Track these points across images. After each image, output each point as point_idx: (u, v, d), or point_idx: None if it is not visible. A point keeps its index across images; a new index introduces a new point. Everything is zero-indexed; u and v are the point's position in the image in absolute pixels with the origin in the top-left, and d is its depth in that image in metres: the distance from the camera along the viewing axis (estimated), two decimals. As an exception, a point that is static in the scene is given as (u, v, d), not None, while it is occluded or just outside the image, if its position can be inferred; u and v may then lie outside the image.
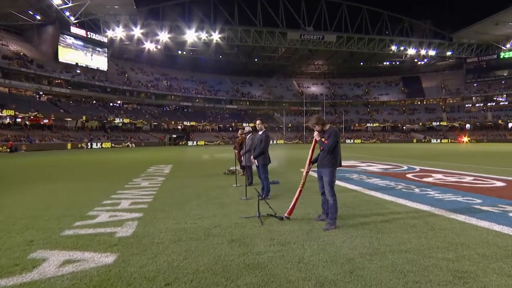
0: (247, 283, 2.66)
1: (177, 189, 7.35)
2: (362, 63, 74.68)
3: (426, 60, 70.28)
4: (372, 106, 76.37)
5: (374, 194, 6.45)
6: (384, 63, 73.95)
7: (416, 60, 70.39)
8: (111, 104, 57.57)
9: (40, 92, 47.30)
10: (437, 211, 4.90)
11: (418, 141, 62.48)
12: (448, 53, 65.54)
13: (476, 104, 67.89)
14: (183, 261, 3.12)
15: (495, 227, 3.98)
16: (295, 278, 2.73)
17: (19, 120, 42.66)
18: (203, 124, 64.93)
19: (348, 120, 71.51)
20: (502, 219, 4.34)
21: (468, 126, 66.69)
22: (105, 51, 55.27)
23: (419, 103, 74.91)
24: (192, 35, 55.98)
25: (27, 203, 5.92)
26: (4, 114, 39.36)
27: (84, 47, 52.03)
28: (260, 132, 6.33)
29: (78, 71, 51.74)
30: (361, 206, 5.36)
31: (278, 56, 69.25)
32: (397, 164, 12.96)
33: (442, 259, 3.05)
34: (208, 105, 68.10)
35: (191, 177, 9.63)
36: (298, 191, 4.66)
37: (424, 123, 69.00)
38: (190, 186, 7.81)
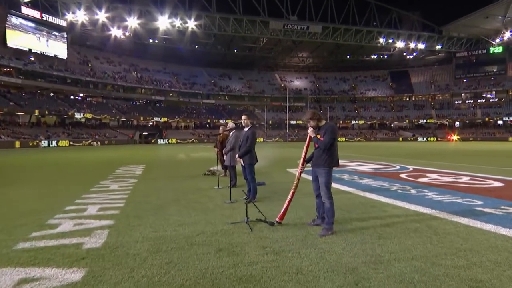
0: (240, 299, 2.53)
1: (152, 192, 7.14)
2: (348, 56, 75.95)
3: (415, 54, 72.29)
4: (359, 102, 77.86)
5: (369, 195, 6.50)
6: (372, 56, 75.50)
7: (404, 53, 72.26)
8: (72, 97, 55.67)
9: (-16, 82, 44.98)
10: (438, 213, 4.94)
11: (404, 139, 64.23)
12: (438, 46, 67.68)
13: (466, 101, 70.54)
14: (165, 275, 2.95)
15: (502, 231, 4.04)
16: (295, 292, 2.63)
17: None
18: (177, 121, 64.06)
19: (334, 117, 72.50)
20: (507, 222, 4.43)
21: (457, 123, 69.25)
22: (63, 36, 52.81)
23: (407, 99, 77.03)
24: (164, 22, 54.93)
25: (-25, 210, 5.53)
26: None
27: (37, 31, 49.30)
28: (246, 128, 6.22)
29: (32, 58, 49.43)
30: (357, 209, 5.36)
31: (260, 48, 69.18)
32: (388, 164, 13.19)
33: (452, 266, 3.03)
34: (182, 99, 67.25)
35: (167, 178, 9.41)
36: (290, 193, 4.57)
37: (413, 121, 71.04)
38: (166, 188, 7.60)
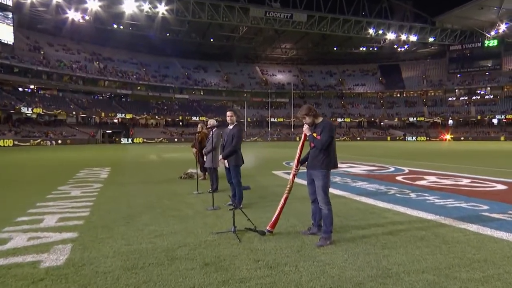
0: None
1: (121, 198, 6.94)
2: (335, 48, 77.01)
3: (406, 46, 74.06)
4: (347, 98, 79.10)
5: (365, 200, 6.56)
6: (361, 49, 76.83)
7: (395, 46, 73.92)
8: (20, 89, 53.69)
9: None
10: (443, 220, 5.00)
11: (392, 139, 65.69)
12: (430, 39, 69.59)
13: (460, 98, 72.89)
14: (144, 296, 2.80)
15: (515, 238, 4.11)
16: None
17: None
18: (145, 118, 63.05)
19: (320, 114, 73.28)
20: (518, 228, 4.51)
21: (450, 122, 71.46)
22: (8, 17, 49.95)
23: (398, 95, 78.88)
24: (131, 5, 53.79)
25: None
26: None
27: (-27, 10, 46.97)
28: (231, 126, 6.14)
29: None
30: (354, 215, 5.36)
31: (239, 37, 69.04)
32: (382, 165, 13.39)
33: (468, 280, 3.02)
34: (152, 93, 66.34)
35: (137, 182, 9.19)
36: (283, 198, 4.51)
37: (402, 119, 72.77)
38: (138, 194, 7.41)
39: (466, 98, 72.07)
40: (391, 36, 68.10)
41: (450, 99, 73.59)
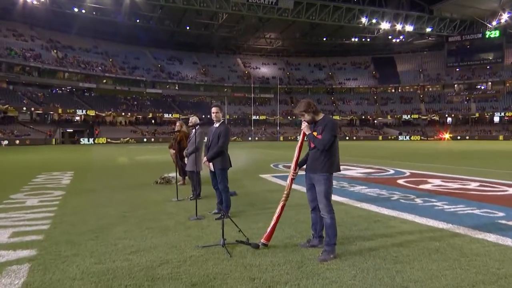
0: None
1: (88, 208, 6.72)
2: (325, 39, 77.53)
3: (401, 37, 75.25)
4: (337, 93, 79.86)
5: (367, 207, 6.54)
6: (352, 39, 77.58)
7: (390, 37, 75.01)
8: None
9: None
10: (457, 228, 4.97)
11: (384, 138, 66.66)
12: (428, 29, 70.87)
13: (459, 93, 74.52)
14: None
15: (539, 249, 4.09)
16: None
17: None
18: (113, 115, 62.01)
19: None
20: (541, 237, 4.51)
21: (449, 120, 72.96)
22: None
23: (393, 90, 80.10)
24: (95, -14, 52.80)
25: None
26: None
27: None
28: (217, 124, 6.04)
29: None
30: (357, 224, 5.31)
31: (218, 25, 68.62)
32: (380, 168, 13.47)
33: (496, 298, 2.96)
34: (120, 87, 65.36)
35: (107, 189, 8.95)
36: (280, 206, 4.40)
37: (395, 116, 73.86)
38: (108, 203, 7.19)
39: (465, 94, 73.76)
40: (385, 25, 69.01)
41: (448, 94, 75.17)
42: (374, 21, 67.87)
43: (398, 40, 76.56)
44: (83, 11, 59.15)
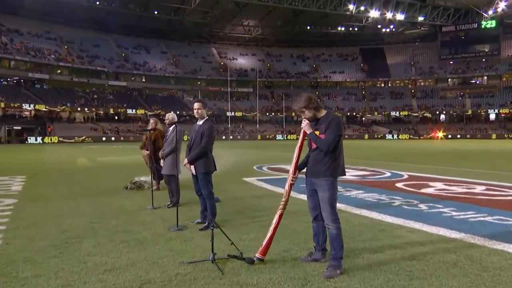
0: None
1: (48, 219, 6.41)
2: (309, 28, 78.09)
3: (392, 26, 76.45)
4: (322, 88, 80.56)
5: (368, 214, 6.51)
6: (339, 28, 78.44)
7: (379, 26, 76.12)
8: None
9: None
10: (471, 238, 4.95)
11: (371, 137, 67.66)
12: (420, 18, 72.20)
13: (453, 89, 76.25)
14: None
15: None
16: None
17: None
18: (69, 110, 60.73)
19: (291, 107, 73.88)
20: None
21: (442, 117, 74.51)
22: None
23: (383, 85, 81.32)
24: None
25: None
26: None
27: None
28: (200, 122, 5.88)
29: None
30: (361, 234, 5.26)
31: (190, 10, 68.12)
32: (374, 170, 13.55)
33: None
34: (78, 79, 64.20)
35: (68, 196, 8.65)
36: (277, 215, 4.27)
37: (384, 113, 74.94)
38: (71, 212, 6.92)
39: (460, 89, 75.49)
40: (374, 13, 69.92)
41: (442, 90, 76.73)
42: (362, 8, 68.71)
43: (388, 29, 77.78)
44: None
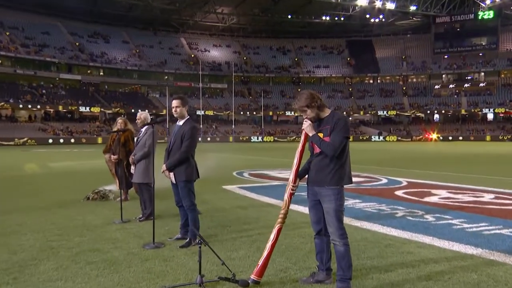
0: None
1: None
2: (290, 16, 78.50)
3: (381, 16, 77.50)
4: (305, 84, 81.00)
5: (370, 226, 6.53)
6: (323, 18, 79.03)
7: (367, 16, 77.04)
8: None
9: None
10: (490, 254, 4.97)
11: (355, 139, 68.38)
12: (412, 7, 73.46)
13: (448, 86, 77.66)
14: None
15: None
16: None
17: None
18: (11, 107, 59.56)
19: (270, 105, 74.35)
20: None
21: (436, 117, 75.84)
22: None
23: (371, 81, 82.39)
24: None
25: None
26: None
27: None
28: (180, 122, 5.78)
29: None
30: (366, 250, 5.25)
31: (157, -6, 67.94)
32: (369, 175, 13.65)
33: None
34: (23, 71, 62.87)
35: (16, 210, 8.28)
36: (275, 229, 4.18)
37: (371, 112, 75.88)
38: (23, 229, 6.60)
39: (455, 86, 77.00)
40: (362, 1, 70.78)
41: (436, 87, 78.16)
42: (349, -4, 69.45)
43: (377, 20, 78.80)
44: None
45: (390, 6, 71.90)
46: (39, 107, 61.01)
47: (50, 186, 12.25)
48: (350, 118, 77.67)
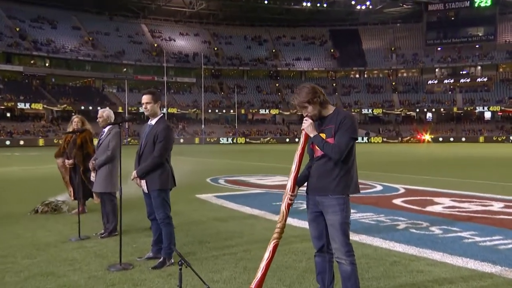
0: None
1: None
2: (266, 2, 78.72)
3: (368, 3, 78.40)
4: (284, 78, 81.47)
5: (370, 241, 6.52)
6: (304, 4, 79.50)
7: (353, 2, 77.80)
8: None
9: None
10: (510, 273, 4.96)
11: None
12: (402, -6, 74.57)
13: (443, 81, 78.83)
14: None
15: None
16: None
17: None
18: None
19: (244, 103, 74.24)
20: None
21: (429, 115, 76.92)
22: None
23: (357, 76, 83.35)
24: None
25: None
26: None
27: None
28: (152, 121, 5.66)
29: None
30: (370, 269, 5.20)
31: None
32: (360, 182, 13.52)
33: None
34: None
35: None
36: (271, 246, 4.02)
37: (357, 110, 76.42)
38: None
39: (450, 82, 78.23)
40: (347, -13, 71.40)
41: (429, 82, 79.20)
42: (332, -20, 70.08)
43: (363, 7, 79.73)
44: None
45: (378, -9, 72.81)
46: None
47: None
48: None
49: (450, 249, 5.94)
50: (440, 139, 67.70)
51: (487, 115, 75.08)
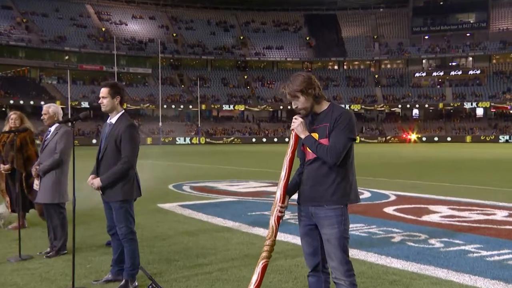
0: None
1: None
2: (232, -19, 78.77)
3: (348, -15, 79.09)
4: (253, 70, 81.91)
5: (364, 256, 6.49)
6: (275, -16, 79.82)
7: (331, -16, 78.44)
8: None
9: None
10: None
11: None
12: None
13: (431, 73, 79.93)
14: None
15: None
16: None
17: None
18: None
19: (208, 97, 74.03)
20: None
21: (415, 112, 77.93)
22: None
23: (336, 67, 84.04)
24: None
25: None
26: None
27: None
28: (113, 119, 5.53)
29: None
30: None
31: None
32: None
33: None
34: None
35: None
36: (260, 267, 3.93)
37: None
38: None
39: (438, 74, 79.40)
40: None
41: (416, 75, 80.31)
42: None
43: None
44: None
45: (359, -28, 73.52)
46: None
47: None
48: (310, 114, 78.78)
49: (454, 265, 5.93)
50: (424, 138, 68.90)
51: (479, 111, 76.52)
